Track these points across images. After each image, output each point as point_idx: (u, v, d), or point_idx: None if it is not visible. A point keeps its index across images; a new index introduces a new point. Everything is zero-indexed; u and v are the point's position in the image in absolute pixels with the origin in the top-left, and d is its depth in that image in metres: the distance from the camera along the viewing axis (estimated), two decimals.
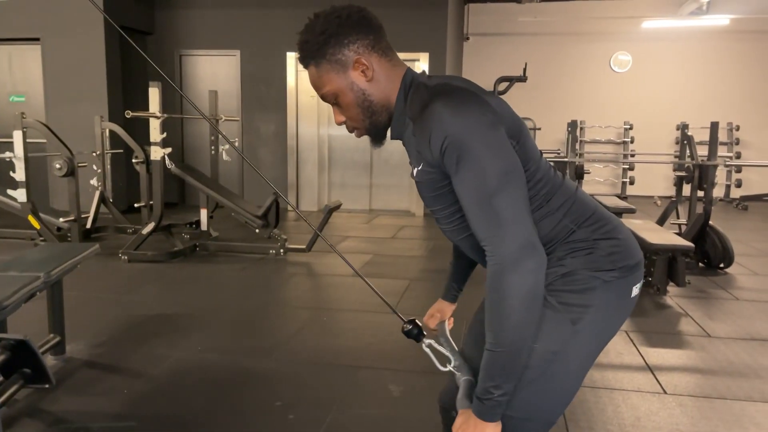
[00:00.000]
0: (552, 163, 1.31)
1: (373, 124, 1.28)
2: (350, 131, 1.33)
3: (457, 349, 1.45)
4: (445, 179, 1.17)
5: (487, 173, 1.07)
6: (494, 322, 1.08)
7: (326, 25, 1.21)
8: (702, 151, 5.22)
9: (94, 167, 6.18)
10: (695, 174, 5.09)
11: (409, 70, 1.28)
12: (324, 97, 1.27)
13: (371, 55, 1.23)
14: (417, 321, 1.45)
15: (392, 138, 1.31)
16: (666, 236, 4.36)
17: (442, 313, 1.68)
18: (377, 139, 1.32)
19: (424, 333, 1.44)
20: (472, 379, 1.25)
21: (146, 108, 5.18)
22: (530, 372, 1.18)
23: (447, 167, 1.12)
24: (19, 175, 5.12)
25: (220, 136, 6.25)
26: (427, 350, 1.39)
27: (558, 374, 1.19)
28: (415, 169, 1.23)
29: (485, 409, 1.12)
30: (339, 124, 1.31)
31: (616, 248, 1.23)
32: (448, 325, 1.68)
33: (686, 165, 5.32)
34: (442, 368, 1.34)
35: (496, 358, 1.09)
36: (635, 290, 1.26)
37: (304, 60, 1.25)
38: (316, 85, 1.26)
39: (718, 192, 8.68)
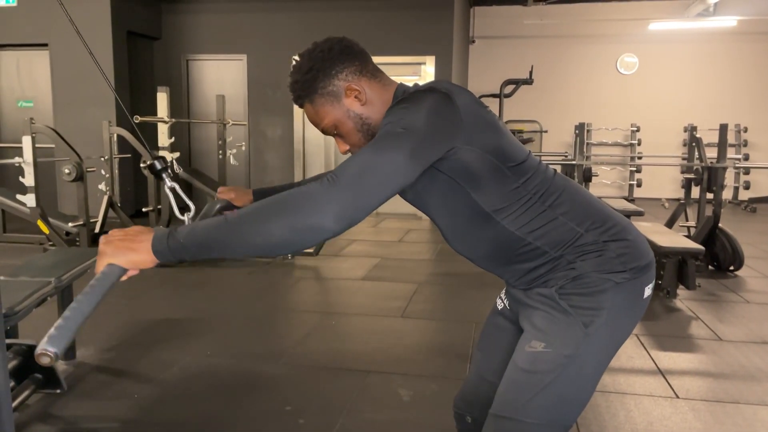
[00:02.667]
0: (548, 166, 1.30)
1: None
2: None
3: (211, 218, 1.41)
4: (434, 171, 1.18)
5: (398, 150, 1.07)
6: (257, 210, 1.03)
7: (311, 62, 1.25)
8: (710, 153, 5.19)
9: (103, 172, 6.20)
10: (704, 176, 5.07)
11: (400, 85, 1.31)
12: (325, 131, 1.30)
13: (360, 79, 1.26)
14: (165, 159, 1.42)
15: None
16: (675, 239, 4.34)
17: (237, 197, 1.56)
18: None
19: (170, 174, 1.39)
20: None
21: (154, 113, 5.20)
22: (545, 377, 1.18)
23: (382, 121, 1.16)
24: (28, 180, 5.14)
25: (227, 140, 6.26)
26: (169, 192, 1.38)
27: (573, 378, 1.19)
28: None
29: (162, 240, 1.05)
30: (344, 153, 1.33)
31: (625, 249, 1.22)
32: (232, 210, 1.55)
33: (695, 167, 5.29)
34: (178, 215, 1.31)
35: (220, 226, 1.03)
36: (647, 291, 1.26)
37: (299, 99, 1.28)
38: (315, 120, 1.29)
39: (726, 194, 8.63)
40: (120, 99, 2.27)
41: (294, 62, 1.29)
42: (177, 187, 1.36)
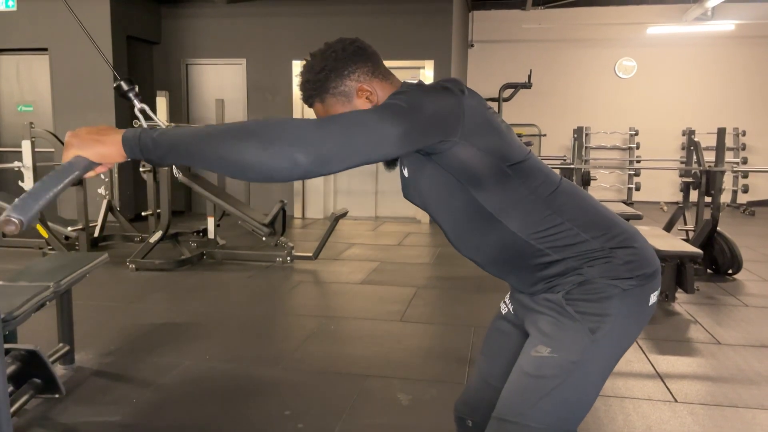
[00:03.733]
0: (552, 171, 1.31)
1: None
2: None
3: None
4: (432, 162, 1.20)
5: (393, 124, 1.07)
6: (237, 127, 1.01)
7: (324, 61, 1.25)
8: (708, 157, 5.20)
9: (102, 176, 6.21)
10: (702, 180, 5.07)
11: (404, 83, 1.31)
12: None
13: (372, 80, 1.27)
14: (132, 80, 1.40)
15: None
16: (674, 243, 4.35)
17: None
18: (390, 162, 1.35)
19: (140, 96, 1.38)
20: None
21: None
22: (551, 382, 1.18)
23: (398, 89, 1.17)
24: (28, 184, 5.14)
25: None
26: (139, 114, 1.37)
27: (578, 384, 1.19)
28: (406, 168, 1.29)
29: (133, 136, 1.02)
30: None
31: (633, 256, 1.23)
32: None
33: (693, 171, 5.30)
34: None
35: (195, 134, 1.02)
36: (653, 298, 1.26)
37: (309, 99, 1.28)
38: None
39: (724, 197, 8.65)
40: (121, 103, 2.27)
41: (305, 62, 1.29)
42: (147, 108, 1.36)
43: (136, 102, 1.35)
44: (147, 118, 1.33)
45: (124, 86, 1.35)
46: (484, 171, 1.19)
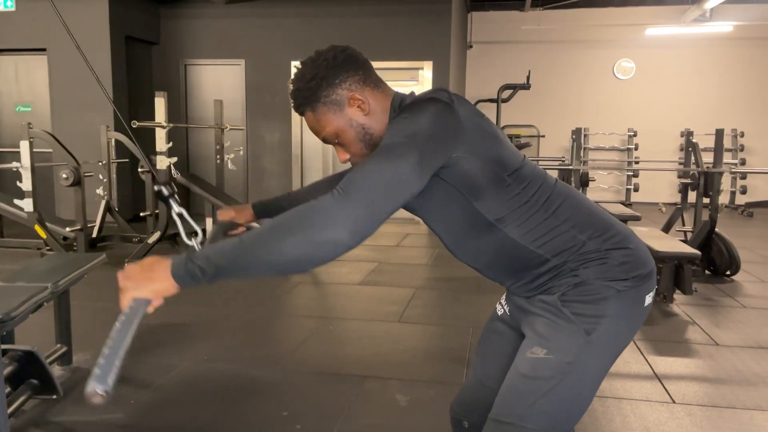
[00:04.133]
0: (547, 173, 1.31)
1: None
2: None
3: (220, 241, 1.41)
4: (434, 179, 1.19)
5: (400, 163, 1.07)
6: (270, 230, 1.03)
7: (315, 70, 1.24)
8: (707, 158, 5.21)
9: (100, 177, 6.20)
10: (700, 181, 5.08)
11: (396, 94, 1.31)
12: (326, 139, 1.30)
13: (364, 89, 1.26)
14: (173, 186, 1.41)
15: None
16: (672, 244, 4.35)
17: (238, 216, 1.58)
18: None
19: (178, 201, 1.40)
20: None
21: (152, 117, 5.21)
22: (546, 383, 1.18)
23: (386, 130, 1.15)
24: (26, 184, 5.14)
25: (225, 145, 6.27)
26: (177, 219, 1.37)
27: (573, 385, 1.19)
28: None
29: (181, 265, 1.06)
30: (344, 162, 1.33)
31: (628, 258, 1.23)
32: (237, 231, 1.57)
33: (691, 172, 5.31)
34: (186, 240, 1.31)
35: (236, 248, 1.03)
36: (648, 299, 1.27)
37: (300, 107, 1.28)
38: (316, 129, 1.29)
39: (722, 199, 8.66)
40: (118, 104, 2.27)
41: (296, 69, 1.29)
42: (184, 212, 1.37)
43: (175, 207, 1.37)
44: (184, 221, 1.35)
45: (165, 192, 1.38)
46: (485, 181, 1.20)
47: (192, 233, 1.31)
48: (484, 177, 1.19)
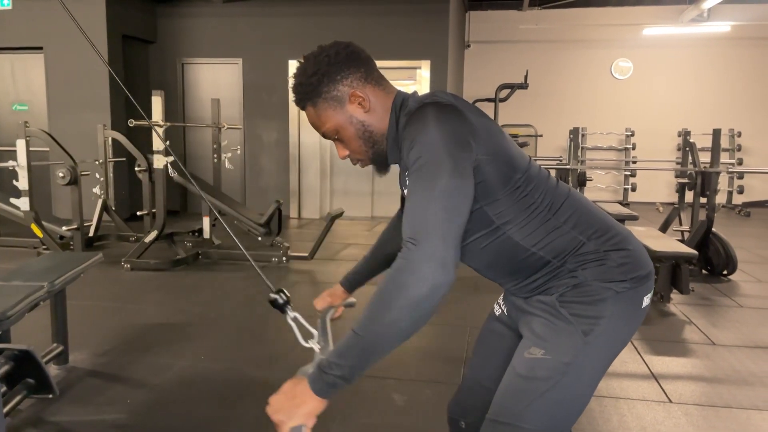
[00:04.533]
0: (550, 174, 1.31)
1: (376, 153, 1.30)
2: (354, 163, 1.35)
3: (330, 336, 1.40)
4: None
5: (440, 180, 1.07)
6: (373, 310, 1.04)
7: (317, 65, 1.23)
8: (704, 158, 5.21)
9: (97, 176, 6.19)
10: (698, 181, 5.09)
11: (399, 93, 1.31)
12: (325, 135, 1.30)
13: (365, 86, 1.25)
14: (285, 292, 1.43)
15: (390, 163, 1.34)
16: (669, 243, 4.35)
17: (333, 298, 1.65)
18: (381, 167, 1.35)
19: (291, 305, 1.42)
20: None
21: (149, 116, 5.20)
22: (544, 384, 1.18)
23: (408, 163, 1.13)
24: (22, 183, 5.12)
25: (222, 144, 6.26)
26: (292, 323, 1.38)
27: (571, 385, 1.19)
28: (405, 189, 1.25)
29: (319, 382, 1.07)
30: (343, 158, 1.33)
31: (626, 259, 1.23)
32: (335, 314, 1.64)
33: (689, 172, 5.31)
34: (304, 343, 1.32)
35: (356, 341, 1.05)
36: (646, 300, 1.26)
37: (301, 102, 1.27)
38: (316, 124, 1.29)
39: (720, 198, 8.66)
40: (116, 102, 2.26)
41: (299, 64, 1.28)
42: (299, 316, 1.39)
43: (289, 312, 1.39)
44: (300, 326, 1.36)
45: (280, 300, 1.42)
46: (499, 184, 1.19)
47: (308, 337, 1.33)
48: (498, 179, 1.19)
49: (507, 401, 1.23)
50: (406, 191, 1.27)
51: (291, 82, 1.29)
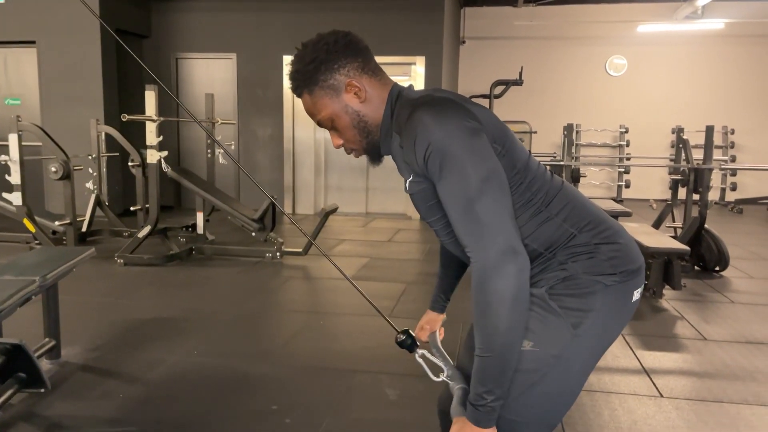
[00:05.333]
0: (548, 167, 1.33)
1: (370, 143, 1.31)
2: (348, 153, 1.36)
3: (449, 358, 1.44)
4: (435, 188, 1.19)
5: (470, 179, 1.09)
6: (482, 327, 1.09)
7: (315, 53, 1.24)
8: (697, 155, 5.23)
9: (90, 170, 6.16)
10: (691, 177, 5.11)
11: (395, 86, 1.31)
12: (320, 123, 1.30)
13: (362, 76, 1.26)
14: (411, 331, 1.47)
15: (383, 154, 1.35)
16: (662, 239, 4.37)
17: (431, 324, 1.71)
18: (375, 158, 1.36)
19: (418, 343, 1.46)
20: (466, 387, 1.24)
21: (142, 111, 5.17)
22: (532, 376, 1.19)
23: (431, 174, 1.15)
24: (15, 178, 5.09)
25: (216, 140, 6.24)
26: (421, 361, 1.41)
27: (560, 378, 1.20)
28: (407, 181, 1.26)
29: (480, 416, 1.12)
30: (337, 147, 1.34)
31: (617, 253, 1.23)
32: (439, 336, 1.68)
33: (682, 168, 5.33)
34: (435, 378, 1.35)
35: (487, 363, 1.09)
36: (636, 295, 1.27)
37: (298, 89, 1.28)
38: (312, 112, 1.29)
39: (713, 195, 8.72)
40: (108, 97, 2.25)
41: (297, 50, 1.28)
42: (426, 353, 1.43)
43: (417, 351, 1.43)
44: (428, 362, 1.39)
45: (408, 341, 1.45)
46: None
47: (438, 372, 1.36)
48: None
49: None
50: (407, 186, 1.27)
51: (288, 69, 1.29)
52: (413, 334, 1.47)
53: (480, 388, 1.10)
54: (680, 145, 5.48)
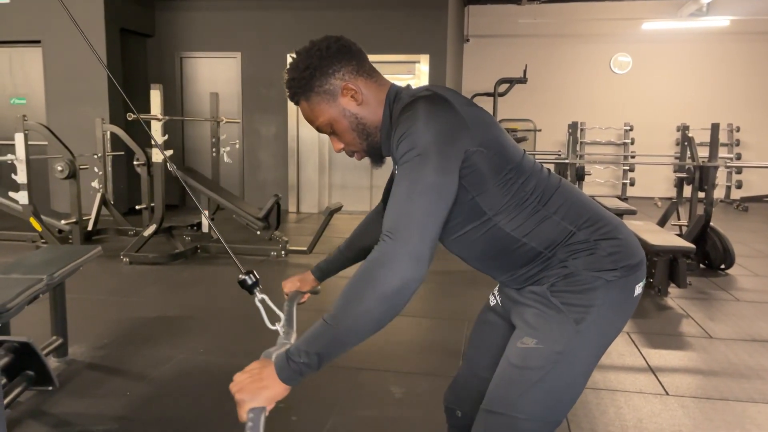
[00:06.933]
0: (543, 166, 1.32)
1: (370, 145, 1.31)
2: (350, 156, 1.36)
3: (294, 319, 1.41)
4: None
5: (426, 176, 1.08)
6: (345, 300, 1.05)
7: (309, 59, 1.25)
8: (702, 153, 5.22)
9: (96, 169, 6.19)
10: (696, 175, 5.10)
11: (393, 86, 1.32)
12: (320, 129, 1.31)
13: (357, 79, 1.27)
14: (255, 273, 1.45)
15: (384, 155, 1.35)
16: (667, 237, 4.37)
17: (302, 284, 1.66)
18: (377, 159, 1.36)
19: (260, 287, 1.43)
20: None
21: (147, 110, 5.19)
22: (536, 373, 1.19)
23: (396, 155, 1.14)
24: (21, 177, 5.12)
25: (221, 138, 6.26)
26: (259, 305, 1.40)
27: (563, 374, 1.20)
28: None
29: (285, 368, 1.08)
30: (338, 151, 1.34)
31: (616, 248, 1.24)
32: (301, 299, 1.65)
33: (687, 166, 5.32)
34: (270, 326, 1.33)
35: (325, 330, 1.05)
36: (638, 289, 1.27)
37: (294, 97, 1.29)
38: (310, 118, 1.30)
39: (718, 193, 8.68)
40: (114, 96, 2.26)
41: (291, 59, 1.29)
42: (266, 298, 1.41)
43: (257, 294, 1.40)
44: (267, 308, 1.37)
45: (249, 281, 1.43)
46: (490, 174, 1.20)
47: (275, 320, 1.35)
48: (489, 170, 1.19)
49: (500, 391, 1.24)
50: (394, 182, 1.28)
51: (285, 77, 1.30)
52: (257, 277, 1.45)
53: (304, 345, 1.06)
54: (685, 143, 5.47)
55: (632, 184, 9.67)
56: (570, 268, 1.22)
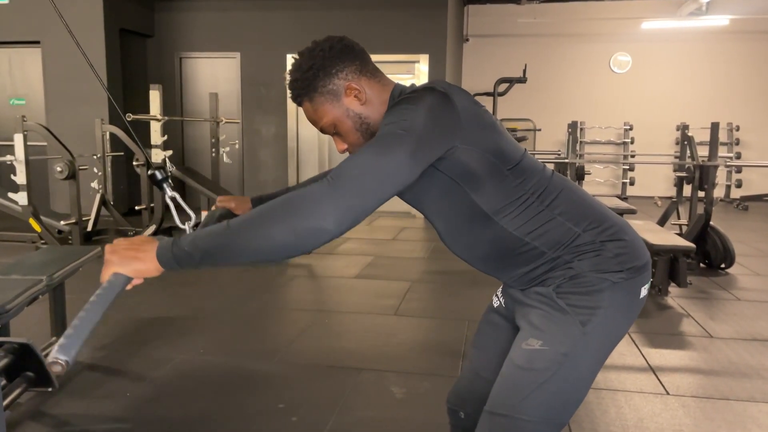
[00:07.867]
0: (545, 166, 1.31)
1: None
2: None
3: (209, 224, 1.38)
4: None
5: (398, 152, 1.08)
6: (257, 216, 1.04)
7: (312, 60, 1.25)
8: (702, 152, 5.22)
9: (95, 170, 6.18)
10: (696, 174, 5.09)
11: (397, 85, 1.31)
12: (323, 129, 1.30)
13: (360, 79, 1.26)
14: (166, 169, 1.44)
15: None
16: (667, 237, 4.36)
17: (237, 206, 1.60)
18: None
19: (171, 184, 1.42)
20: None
21: (147, 110, 5.19)
22: (542, 375, 1.18)
23: (384, 117, 1.16)
24: (20, 178, 5.12)
25: (220, 138, 6.25)
26: (170, 202, 1.40)
27: (569, 376, 1.19)
28: None
29: (167, 249, 1.07)
30: (342, 152, 1.33)
31: (623, 249, 1.23)
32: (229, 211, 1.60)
33: (687, 166, 5.32)
34: (180, 224, 1.33)
35: (222, 233, 1.04)
36: (643, 291, 1.27)
37: (298, 98, 1.28)
38: (314, 119, 1.29)
39: (718, 192, 8.68)
40: (113, 97, 2.26)
41: (293, 60, 1.29)
42: (178, 196, 1.38)
43: (168, 191, 1.38)
44: (177, 206, 1.35)
45: (159, 176, 1.39)
46: (484, 173, 1.20)
47: (185, 217, 1.32)
48: (482, 169, 1.19)
49: (504, 393, 1.23)
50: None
51: (287, 78, 1.29)
52: (169, 173, 1.43)
53: (195, 237, 1.05)
54: (685, 142, 5.47)
55: (632, 183, 9.67)
56: (576, 269, 1.21)
